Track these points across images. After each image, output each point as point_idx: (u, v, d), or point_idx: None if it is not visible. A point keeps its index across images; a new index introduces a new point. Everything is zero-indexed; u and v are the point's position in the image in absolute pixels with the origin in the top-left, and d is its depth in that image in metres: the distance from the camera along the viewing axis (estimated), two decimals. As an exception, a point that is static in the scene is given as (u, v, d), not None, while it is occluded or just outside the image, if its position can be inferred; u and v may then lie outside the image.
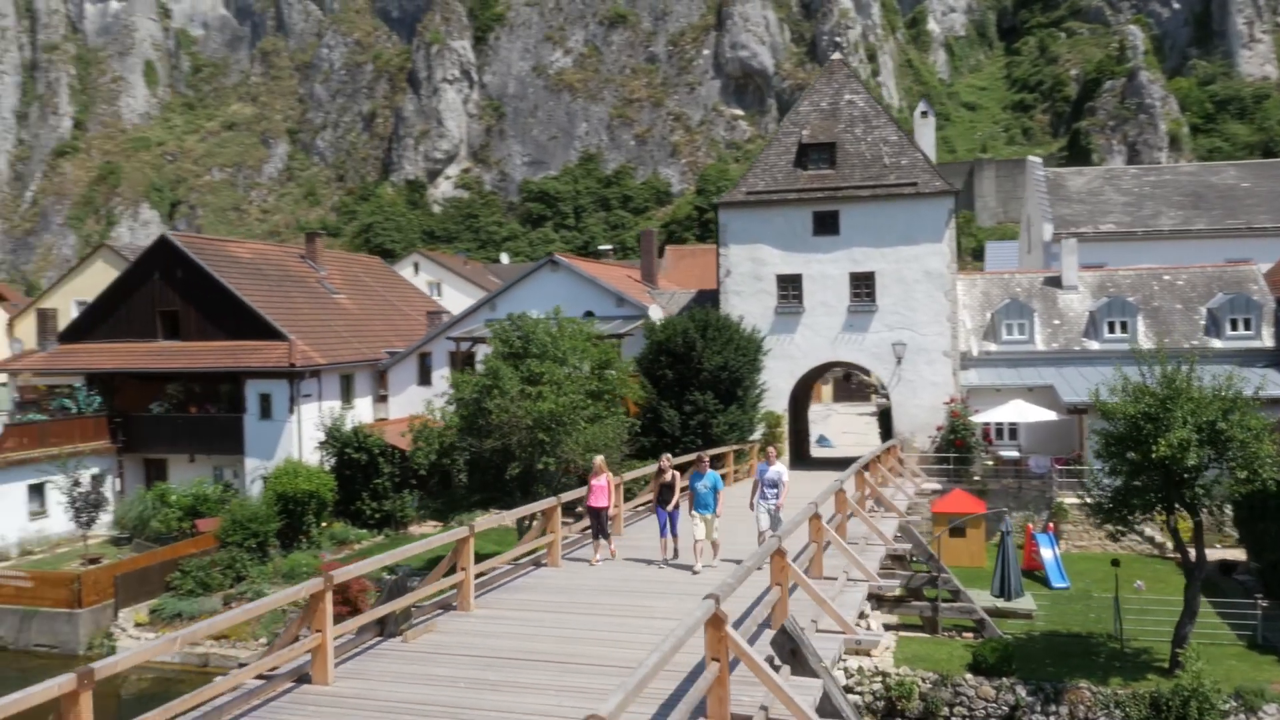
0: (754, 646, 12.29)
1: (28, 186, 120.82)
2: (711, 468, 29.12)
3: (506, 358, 27.25)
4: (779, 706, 10.42)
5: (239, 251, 42.14)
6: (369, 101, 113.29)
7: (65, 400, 37.31)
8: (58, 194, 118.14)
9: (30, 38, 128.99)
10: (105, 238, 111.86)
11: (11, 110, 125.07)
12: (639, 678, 8.58)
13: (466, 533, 15.12)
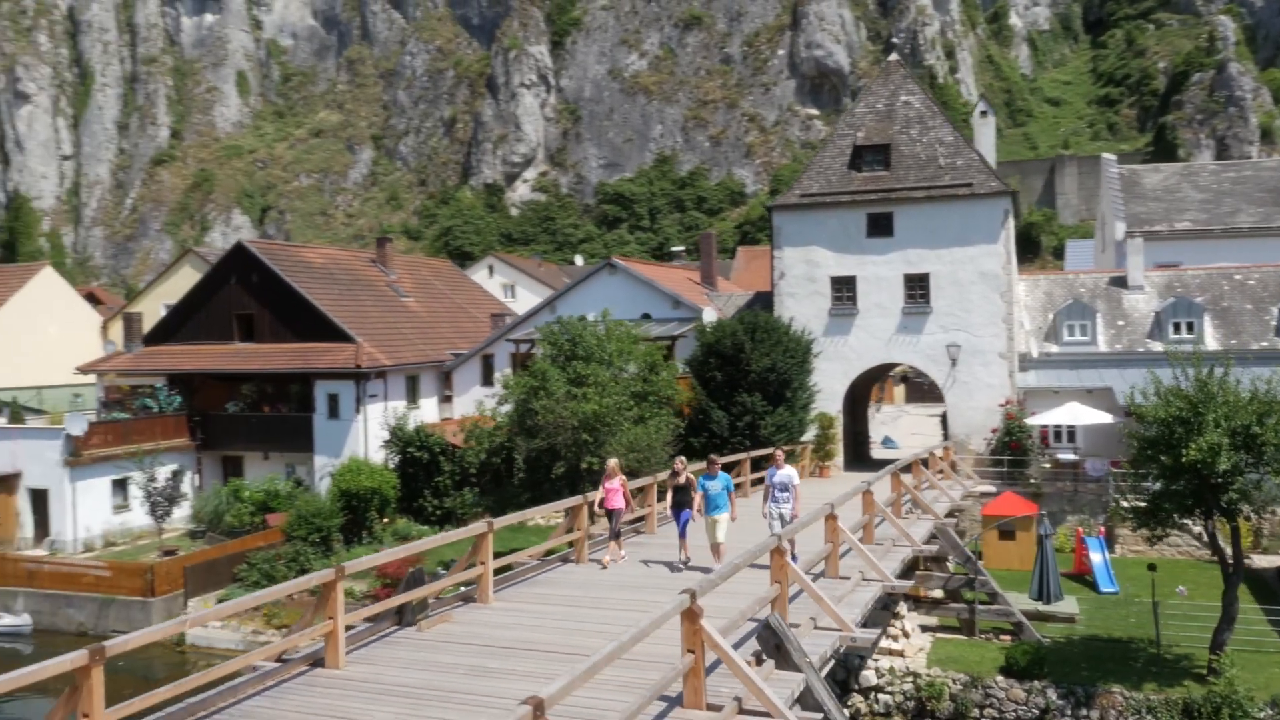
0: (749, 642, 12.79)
1: (128, 194, 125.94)
2: (758, 469, 29.60)
3: (555, 360, 27.97)
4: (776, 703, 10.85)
5: (311, 257, 43.70)
6: (450, 107, 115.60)
7: (147, 400, 39.19)
8: (155, 201, 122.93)
9: (131, 51, 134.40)
10: (199, 243, 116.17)
11: (113, 121, 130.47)
12: (589, 664, 9.14)
13: (485, 529, 15.84)
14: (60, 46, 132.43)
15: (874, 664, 22.02)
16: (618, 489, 18.05)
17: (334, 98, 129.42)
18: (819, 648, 13.34)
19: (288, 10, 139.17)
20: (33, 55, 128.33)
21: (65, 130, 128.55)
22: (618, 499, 18.03)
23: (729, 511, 17.42)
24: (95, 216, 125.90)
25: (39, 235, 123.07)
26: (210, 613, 11.81)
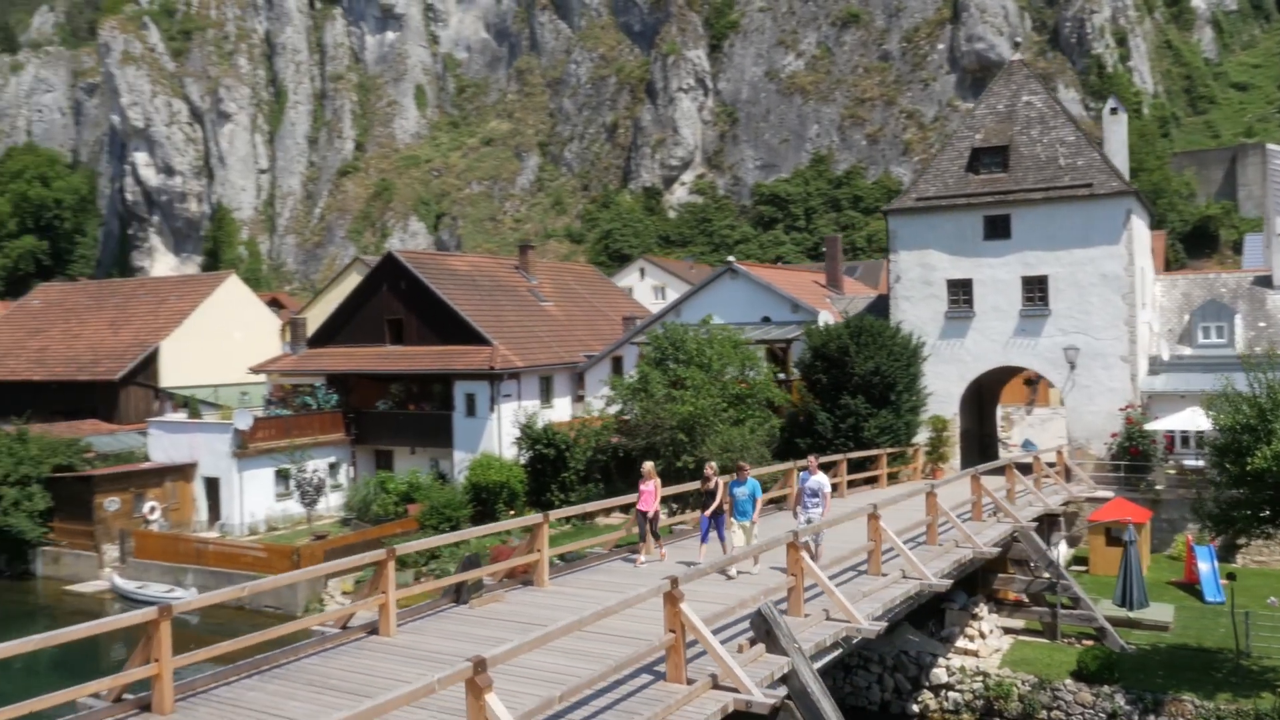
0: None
1: (316, 204, 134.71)
2: (860, 469, 30.40)
3: (658, 363, 29.43)
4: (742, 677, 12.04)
5: (457, 264, 46.60)
6: (612, 113, 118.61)
7: (307, 398, 42.85)
8: (341, 210, 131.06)
9: (320, 70, 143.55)
10: (380, 249, 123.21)
11: (304, 136, 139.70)
12: (540, 633, 10.58)
13: (541, 519, 17.48)
14: (258, 68, 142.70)
15: (945, 662, 22.53)
16: (651, 491, 18.72)
17: (504, 107, 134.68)
18: (820, 636, 14.34)
19: (462, 25, 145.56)
20: (234, 77, 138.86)
21: (262, 146, 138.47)
22: (650, 501, 18.70)
23: (754, 517, 18.15)
24: (288, 225, 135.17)
25: (239, 243, 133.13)
26: (265, 582, 13.91)
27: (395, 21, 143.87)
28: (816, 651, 14.02)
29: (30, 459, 37.62)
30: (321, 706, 11.47)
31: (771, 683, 12.65)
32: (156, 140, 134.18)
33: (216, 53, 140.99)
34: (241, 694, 12.15)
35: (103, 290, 67.07)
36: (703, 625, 12.09)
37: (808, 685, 13.00)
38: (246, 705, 11.68)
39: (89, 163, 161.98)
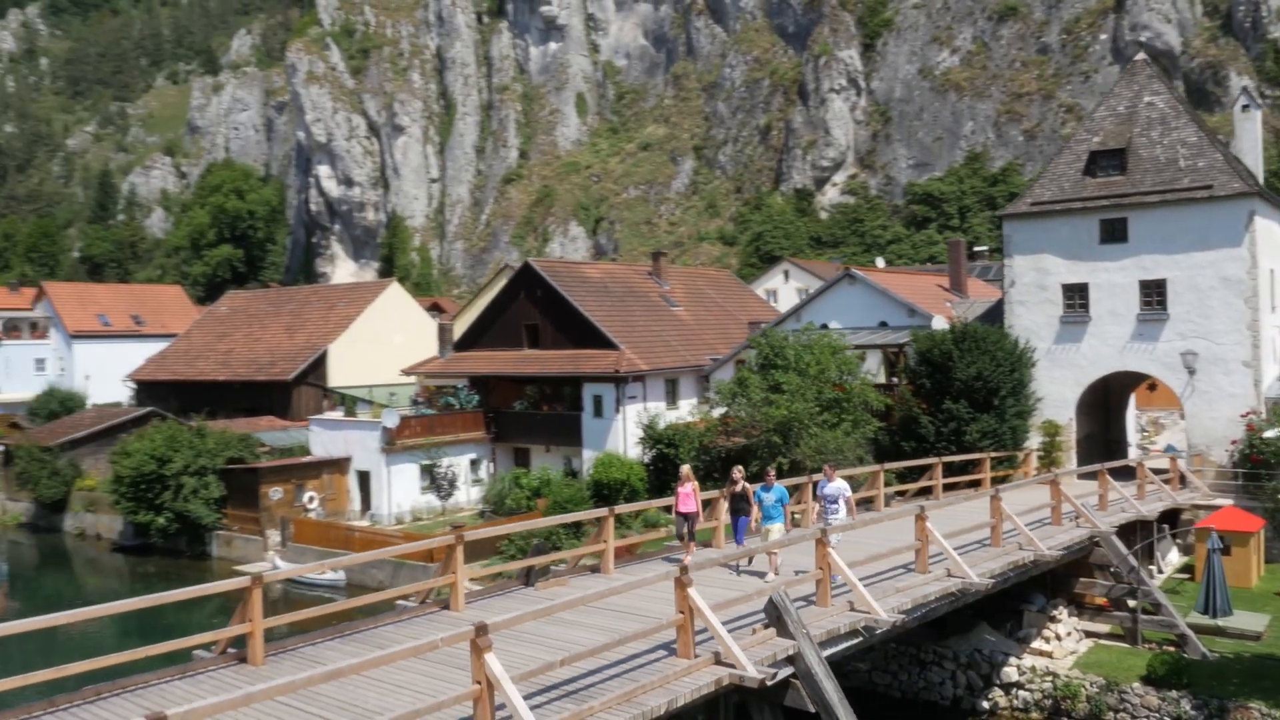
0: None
1: (483, 211, 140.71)
2: (962, 473, 31.07)
3: (760, 368, 30.82)
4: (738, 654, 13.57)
5: (590, 272, 48.99)
6: (765, 115, 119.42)
7: (450, 398, 46.04)
8: (505, 216, 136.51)
9: (487, 82, 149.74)
10: (541, 254, 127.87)
11: (472, 146, 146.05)
12: (545, 606, 12.39)
13: (606, 513, 19.30)
14: (430, 82, 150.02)
15: (1017, 662, 23.15)
16: (689, 493, 19.65)
17: (661, 112, 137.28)
18: (835, 624, 15.64)
19: (621, 32, 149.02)
20: (407, 92, 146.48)
21: (433, 156, 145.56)
22: (689, 503, 19.67)
23: (783, 522, 18.89)
24: (456, 231, 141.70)
25: (411, 249, 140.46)
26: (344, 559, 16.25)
27: (558, 32, 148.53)
28: (829, 638, 15.34)
29: (207, 452, 42.06)
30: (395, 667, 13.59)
31: (775, 663, 14.11)
32: (337, 154, 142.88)
33: (392, 69, 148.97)
34: (321, 652, 14.45)
35: (281, 297, 72.88)
36: (706, 607, 13.66)
37: (812, 667, 14.38)
38: (320, 661, 13.94)
39: (279, 175, 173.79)
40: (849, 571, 16.28)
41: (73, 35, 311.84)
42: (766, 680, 13.33)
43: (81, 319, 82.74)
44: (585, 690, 12.45)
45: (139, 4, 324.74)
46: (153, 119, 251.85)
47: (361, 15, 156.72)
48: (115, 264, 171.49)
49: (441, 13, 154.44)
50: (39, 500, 50.43)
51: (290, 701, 11.80)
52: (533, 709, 11.39)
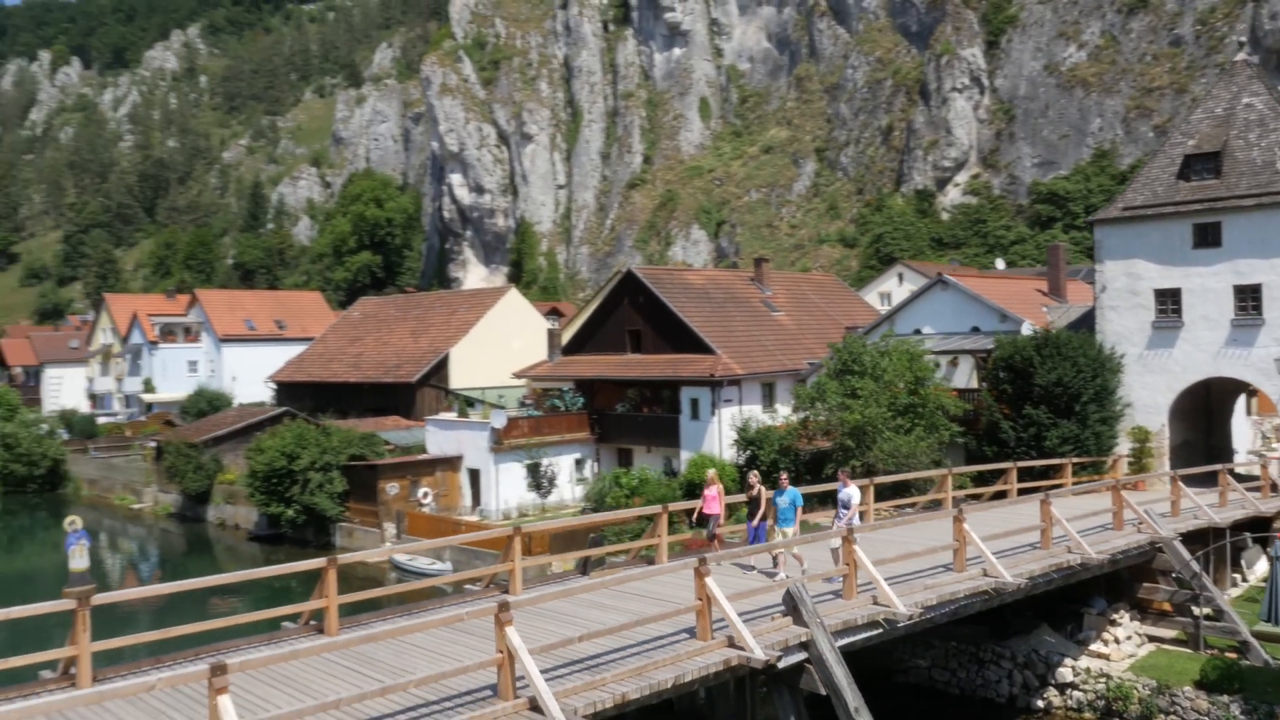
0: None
1: (608, 216, 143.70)
2: (1044, 479, 31.61)
3: (837, 374, 31.84)
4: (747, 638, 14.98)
5: (692, 279, 50.51)
6: (887, 116, 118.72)
7: (555, 400, 48.24)
8: (629, 220, 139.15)
9: (612, 89, 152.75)
10: (664, 257, 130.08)
11: (598, 152, 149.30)
12: (565, 586, 14.01)
13: (660, 510, 20.86)
14: (557, 91, 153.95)
15: (1073, 663, 23.69)
16: (715, 496, 20.90)
17: (783, 114, 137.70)
18: (852, 616, 16.83)
19: (745, 36, 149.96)
20: (535, 101, 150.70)
21: (560, 163, 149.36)
22: (714, 505, 20.94)
23: (794, 525, 19.74)
24: (582, 236, 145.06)
25: (539, 254, 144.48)
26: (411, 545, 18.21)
27: (682, 38, 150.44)
28: (845, 628, 16.55)
29: (332, 449, 45.28)
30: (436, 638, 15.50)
31: (788, 648, 15.45)
32: (469, 162, 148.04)
33: (521, 79, 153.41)
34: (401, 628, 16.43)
35: (408, 302, 76.73)
36: (721, 595, 15.10)
37: (824, 653, 15.65)
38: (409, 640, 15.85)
39: (415, 184, 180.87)
40: (871, 567, 17.44)
41: (229, 54, 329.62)
42: (771, 661, 14.69)
43: (230, 324, 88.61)
44: (602, 664, 14.06)
45: (289, 21, 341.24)
46: (301, 131, 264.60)
47: (493, 28, 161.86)
48: (265, 270, 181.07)
49: (569, 22, 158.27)
50: (185, 492, 54.94)
51: (344, 661, 13.80)
52: (551, 678, 13.07)
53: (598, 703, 12.96)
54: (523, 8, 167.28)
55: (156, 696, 12.39)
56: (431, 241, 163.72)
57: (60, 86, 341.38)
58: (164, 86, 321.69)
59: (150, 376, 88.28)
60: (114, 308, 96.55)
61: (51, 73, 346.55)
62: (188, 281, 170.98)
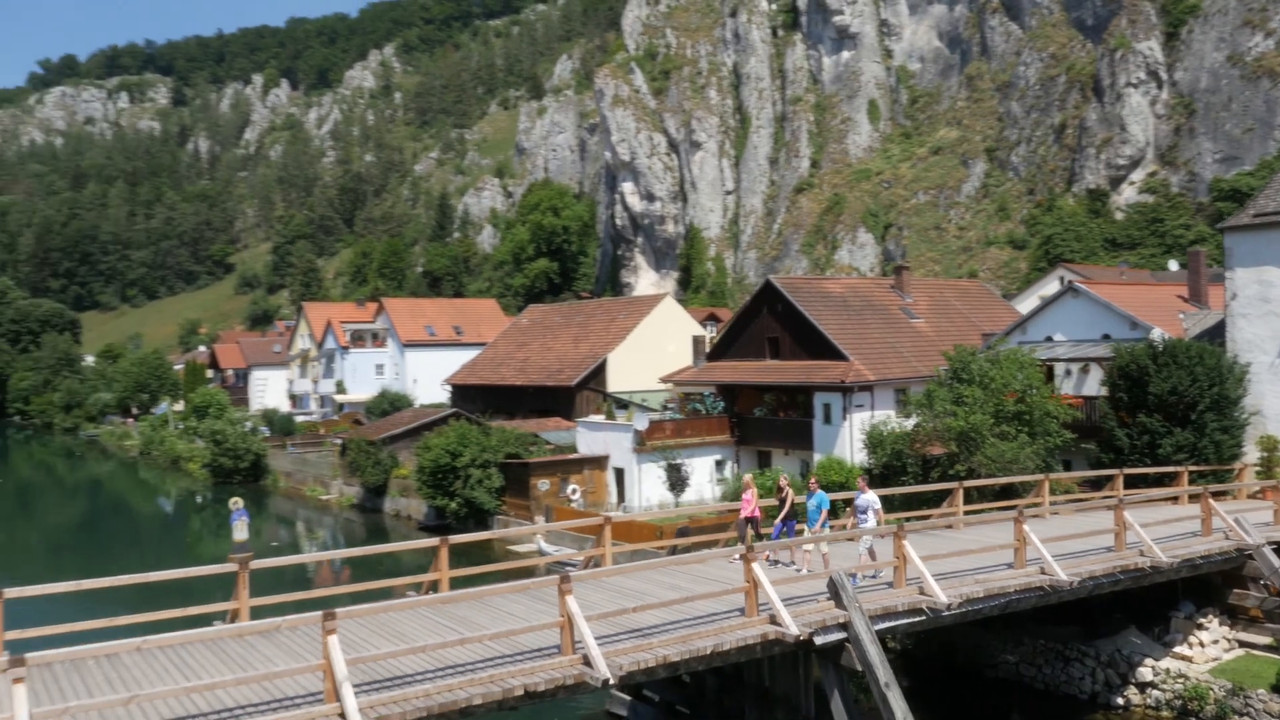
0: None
1: (775, 220, 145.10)
2: (1157, 484, 32.30)
3: (947, 382, 33.13)
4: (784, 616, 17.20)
5: (831, 287, 52.12)
6: (1059, 113, 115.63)
7: (696, 404, 50.78)
8: (796, 225, 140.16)
9: (780, 94, 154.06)
10: (830, 261, 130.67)
11: (765, 157, 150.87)
12: (619, 566, 16.56)
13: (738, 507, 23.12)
14: (726, 98, 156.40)
15: (1154, 663, 24.55)
16: (750, 500, 22.82)
17: (954, 114, 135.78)
18: (893, 603, 18.72)
19: (915, 36, 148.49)
20: (704, 109, 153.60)
21: (728, 170, 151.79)
22: (751, 509, 22.82)
23: (818, 526, 21.50)
24: (749, 241, 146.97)
25: (707, 260, 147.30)
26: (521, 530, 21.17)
27: (850, 40, 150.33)
28: (885, 614, 18.48)
29: (490, 448, 49.26)
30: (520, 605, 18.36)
31: (825, 627, 17.55)
32: (640, 171, 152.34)
33: (690, 88, 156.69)
34: (493, 598, 19.40)
35: (571, 310, 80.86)
36: (765, 579, 17.36)
37: (860, 634, 17.67)
38: (493, 604, 18.85)
39: (590, 193, 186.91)
40: (918, 561, 19.27)
41: (421, 70, 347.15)
42: (804, 637, 16.85)
43: (413, 330, 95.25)
44: (654, 632, 16.57)
45: (476, 37, 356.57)
46: (486, 143, 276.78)
47: (663, 39, 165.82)
48: (451, 277, 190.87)
49: (737, 30, 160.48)
50: (365, 485, 60.36)
51: (440, 618, 16.89)
52: (605, 640, 15.70)
53: (641, 661, 15.49)
54: (693, 17, 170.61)
55: (285, 635, 15.73)
56: (605, 248, 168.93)
57: (271, 107, 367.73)
58: (362, 104, 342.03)
59: (342, 379, 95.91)
60: (311, 315, 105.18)
61: (263, 95, 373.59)
62: (381, 288, 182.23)
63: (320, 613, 13.80)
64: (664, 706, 23.07)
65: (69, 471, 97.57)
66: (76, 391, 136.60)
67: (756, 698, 19.88)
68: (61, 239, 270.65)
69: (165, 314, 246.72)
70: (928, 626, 19.89)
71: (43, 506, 76.05)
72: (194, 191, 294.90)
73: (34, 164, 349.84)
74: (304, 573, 36.21)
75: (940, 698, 26.66)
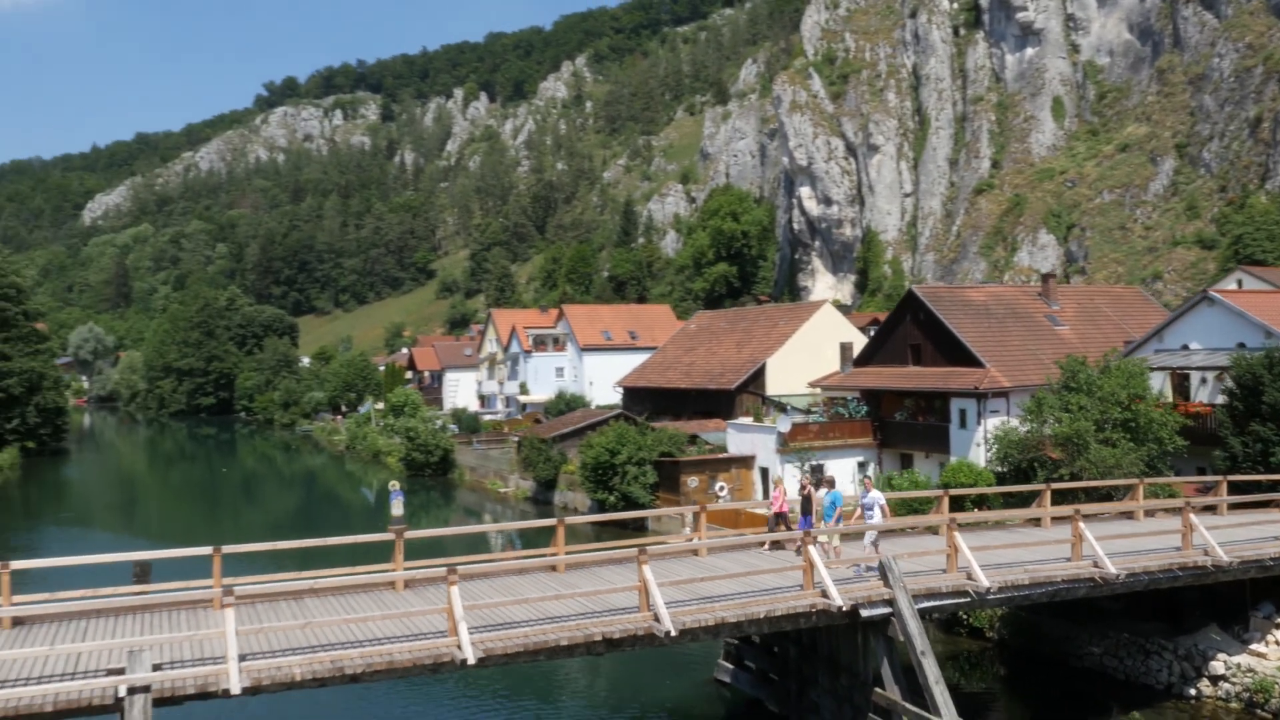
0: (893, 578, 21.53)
1: (954, 222, 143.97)
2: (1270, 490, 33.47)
3: (1055, 390, 34.89)
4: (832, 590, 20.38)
5: (973, 295, 53.66)
6: (1255, 106, 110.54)
7: (840, 408, 53.36)
8: (975, 227, 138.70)
9: (961, 94, 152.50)
10: (1009, 263, 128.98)
11: (945, 159, 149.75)
12: (688, 544, 20.14)
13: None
14: (905, 100, 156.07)
15: (1226, 658, 26.09)
16: (779, 496, 26.19)
17: (1143, 110, 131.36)
18: (936, 585, 21.50)
19: (1104, 29, 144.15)
20: (882, 112, 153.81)
21: (906, 172, 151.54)
22: (780, 505, 26.10)
23: (832, 520, 24.22)
24: (928, 244, 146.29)
25: (884, 263, 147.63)
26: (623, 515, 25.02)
27: (1034, 37, 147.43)
28: (928, 593, 21.31)
29: (646, 446, 53.41)
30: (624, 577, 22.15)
31: (871, 602, 20.58)
32: (817, 175, 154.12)
33: (869, 91, 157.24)
34: (603, 570, 23.31)
35: (736, 316, 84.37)
36: (819, 558, 20.56)
37: (902, 609, 20.63)
38: (595, 573, 22.74)
39: (769, 198, 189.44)
40: (966, 550, 21.98)
41: (611, 79, 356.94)
42: (846, 608, 19.97)
43: (590, 335, 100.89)
44: (718, 600, 20.07)
45: (665, 44, 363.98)
46: (672, 149, 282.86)
47: (842, 42, 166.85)
48: (635, 281, 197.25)
49: (917, 31, 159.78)
50: (537, 479, 65.69)
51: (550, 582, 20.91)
52: (674, 604, 19.31)
53: (701, 620, 19.07)
54: (872, 20, 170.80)
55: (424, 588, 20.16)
56: (784, 252, 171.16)
57: (470, 119, 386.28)
58: (555, 114, 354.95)
59: (525, 380, 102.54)
60: (498, 321, 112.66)
61: (464, 107, 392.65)
62: (569, 293, 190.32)
63: (444, 568, 18.02)
64: (758, 673, 26.46)
65: (286, 463, 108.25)
66: (293, 391, 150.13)
67: (827, 665, 23.01)
68: (282, 249, 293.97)
69: (373, 318, 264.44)
70: (972, 607, 22.56)
71: (263, 493, 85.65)
72: (399, 202, 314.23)
73: (259, 179, 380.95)
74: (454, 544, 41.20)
75: (1028, 683, 28.94)
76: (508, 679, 29.09)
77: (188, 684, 15.72)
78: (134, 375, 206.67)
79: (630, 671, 30.33)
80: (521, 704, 27.96)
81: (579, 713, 27.85)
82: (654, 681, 29.96)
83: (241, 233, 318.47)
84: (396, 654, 16.90)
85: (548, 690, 29.20)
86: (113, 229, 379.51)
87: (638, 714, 27.75)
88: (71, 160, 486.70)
